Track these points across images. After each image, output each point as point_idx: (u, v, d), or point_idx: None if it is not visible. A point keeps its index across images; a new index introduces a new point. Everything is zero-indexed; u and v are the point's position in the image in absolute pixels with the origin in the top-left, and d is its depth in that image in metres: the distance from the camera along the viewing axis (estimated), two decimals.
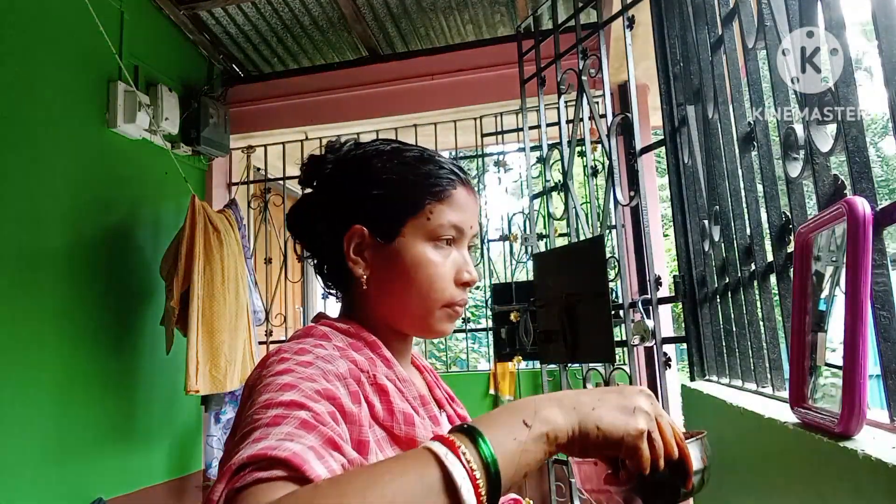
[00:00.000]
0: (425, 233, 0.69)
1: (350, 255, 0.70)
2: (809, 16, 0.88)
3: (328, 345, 0.64)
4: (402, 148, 0.73)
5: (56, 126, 2.57)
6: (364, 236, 0.69)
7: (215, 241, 2.83)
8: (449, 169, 0.72)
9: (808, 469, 0.73)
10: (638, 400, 0.53)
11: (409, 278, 0.68)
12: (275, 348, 0.63)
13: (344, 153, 0.74)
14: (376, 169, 0.70)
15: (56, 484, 2.42)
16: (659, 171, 6.41)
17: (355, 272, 0.70)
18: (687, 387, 1.60)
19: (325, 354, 0.62)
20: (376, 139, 0.77)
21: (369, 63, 3.60)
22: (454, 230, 0.70)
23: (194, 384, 2.59)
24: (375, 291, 0.70)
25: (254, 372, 0.62)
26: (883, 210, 0.67)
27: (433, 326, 0.71)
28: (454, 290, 0.70)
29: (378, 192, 0.69)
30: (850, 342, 0.62)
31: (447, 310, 0.70)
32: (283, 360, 0.59)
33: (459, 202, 0.71)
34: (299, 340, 0.64)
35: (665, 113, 1.78)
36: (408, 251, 0.68)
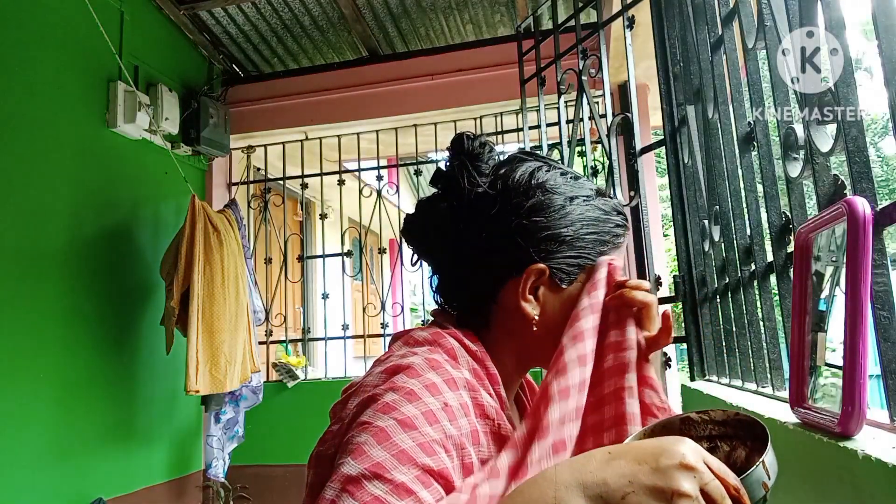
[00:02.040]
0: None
1: (525, 295, 0.65)
2: (809, 16, 0.88)
3: (456, 377, 0.58)
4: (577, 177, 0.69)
5: (56, 126, 2.57)
6: (543, 276, 0.65)
7: (215, 241, 2.83)
8: (620, 211, 0.69)
9: (808, 469, 0.73)
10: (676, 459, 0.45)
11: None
12: (405, 361, 0.57)
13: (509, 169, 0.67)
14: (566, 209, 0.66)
15: (56, 484, 2.42)
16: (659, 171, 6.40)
17: (527, 312, 0.65)
18: (687, 387, 1.60)
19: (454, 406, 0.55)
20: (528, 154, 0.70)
21: (369, 63, 3.60)
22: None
23: (194, 384, 2.59)
24: (542, 334, 0.66)
25: (376, 374, 0.58)
26: (883, 210, 0.67)
27: None
28: None
29: (569, 236, 0.65)
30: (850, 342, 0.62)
31: None
32: (411, 397, 0.53)
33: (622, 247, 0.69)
34: (430, 362, 0.58)
35: (665, 113, 1.78)
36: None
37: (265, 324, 3.52)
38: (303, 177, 3.69)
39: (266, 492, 3.28)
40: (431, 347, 0.62)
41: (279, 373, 3.43)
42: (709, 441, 0.62)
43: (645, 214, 2.06)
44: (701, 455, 0.47)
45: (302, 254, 4.14)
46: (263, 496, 3.29)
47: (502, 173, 0.67)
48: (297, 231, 4.50)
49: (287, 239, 3.71)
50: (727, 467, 0.48)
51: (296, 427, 3.32)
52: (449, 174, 0.69)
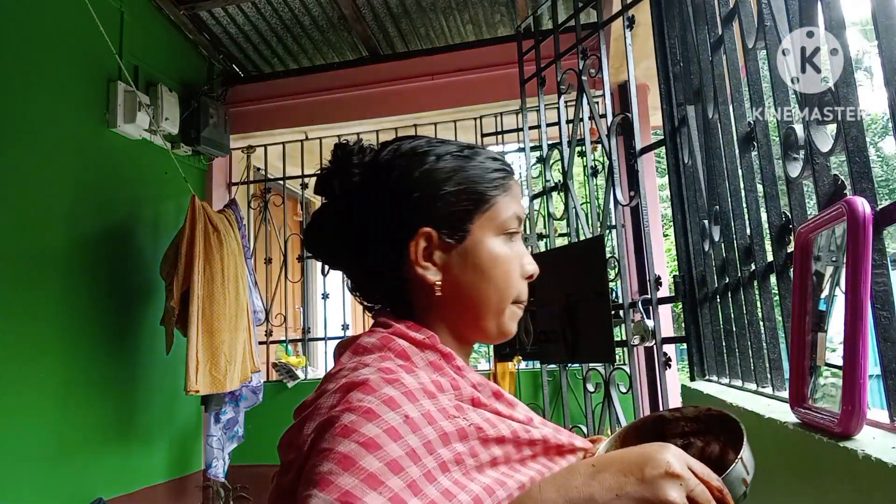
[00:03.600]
0: (494, 227, 0.66)
1: (419, 261, 0.64)
2: (809, 16, 0.88)
3: (413, 388, 0.56)
4: (447, 142, 0.69)
5: (56, 126, 2.57)
6: (432, 239, 0.64)
7: (215, 241, 2.83)
8: (500, 160, 0.69)
9: (808, 469, 0.73)
10: (661, 468, 0.45)
11: (487, 277, 0.65)
12: (359, 376, 0.54)
13: (378, 155, 0.68)
14: (434, 166, 0.65)
15: (56, 484, 2.42)
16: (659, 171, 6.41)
17: (427, 279, 0.64)
18: (687, 387, 1.60)
19: (415, 416, 0.53)
20: (402, 138, 0.71)
21: (369, 63, 3.60)
22: (517, 221, 0.68)
23: (194, 384, 2.59)
24: (451, 297, 0.65)
25: (330, 393, 0.54)
26: (883, 210, 0.67)
27: (503, 325, 0.67)
28: (521, 284, 0.68)
29: (444, 190, 0.64)
30: (850, 342, 0.62)
31: (514, 307, 0.67)
32: (370, 416, 0.50)
33: (516, 193, 0.69)
34: (384, 372, 0.56)
35: (665, 113, 1.78)
36: (482, 248, 0.65)
37: (265, 324, 3.52)
38: (303, 177, 3.69)
39: (266, 492, 3.27)
40: (382, 354, 0.60)
41: (279, 373, 3.43)
42: (682, 438, 0.63)
43: (645, 214, 2.06)
44: (685, 461, 0.47)
45: (302, 254, 4.13)
46: (263, 496, 3.28)
47: (369, 161, 0.68)
48: (297, 231, 4.49)
49: (287, 239, 3.71)
50: (708, 468, 0.48)
51: None
52: (326, 179, 0.70)
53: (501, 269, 0.65)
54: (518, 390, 3.08)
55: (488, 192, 0.66)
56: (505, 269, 0.65)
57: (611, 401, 2.23)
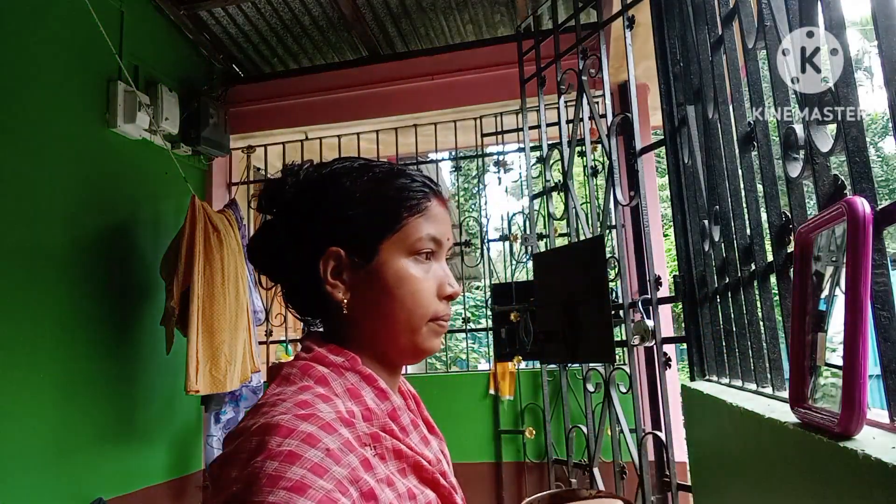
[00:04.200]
0: (404, 248, 0.67)
1: (328, 279, 0.67)
2: (809, 16, 0.89)
3: (330, 420, 0.57)
4: (372, 164, 0.71)
5: (56, 126, 2.57)
6: (341, 258, 0.67)
7: (215, 241, 2.83)
8: (421, 182, 0.70)
9: (808, 469, 0.73)
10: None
11: (393, 296, 0.66)
12: (273, 419, 0.55)
13: (306, 175, 0.71)
14: (347, 188, 0.68)
15: (56, 484, 2.42)
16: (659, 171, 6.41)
17: (335, 296, 0.66)
18: (687, 387, 1.60)
19: (335, 447, 0.54)
20: (339, 158, 0.73)
21: (369, 63, 3.60)
22: (433, 243, 0.69)
23: (194, 384, 2.59)
24: (359, 315, 0.67)
25: (248, 436, 0.55)
26: (883, 210, 0.67)
27: (420, 344, 0.68)
28: (438, 304, 0.68)
29: (352, 212, 0.67)
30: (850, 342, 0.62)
31: (433, 325, 0.68)
32: (293, 458, 0.51)
33: (435, 214, 0.70)
34: (300, 407, 0.57)
35: (665, 113, 1.78)
36: (389, 269, 0.66)
37: (265, 324, 3.52)
38: None
39: None
40: (301, 385, 0.61)
41: None
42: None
43: (645, 214, 2.06)
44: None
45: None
46: None
47: (295, 182, 0.71)
48: None
49: None
50: None
51: None
52: (260, 195, 0.73)
53: (408, 289, 0.66)
54: (518, 390, 3.08)
55: (399, 214, 0.67)
56: (412, 290, 0.66)
57: (611, 401, 2.23)
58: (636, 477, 2.09)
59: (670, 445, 1.96)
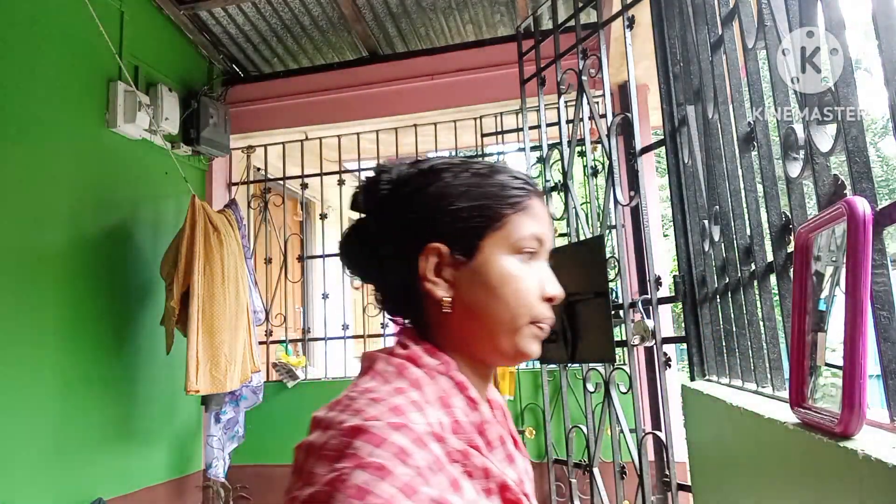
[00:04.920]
0: (507, 246, 0.65)
1: (428, 276, 0.64)
2: (809, 16, 0.89)
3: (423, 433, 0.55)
4: (471, 160, 0.70)
5: (56, 126, 2.57)
6: (442, 254, 0.65)
7: (215, 241, 2.83)
8: (523, 179, 0.69)
9: (808, 469, 0.73)
10: None
11: (496, 295, 0.64)
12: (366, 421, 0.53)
13: (403, 171, 0.69)
14: (448, 182, 0.66)
15: (56, 484, 2.42)
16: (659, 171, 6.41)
17: (435, 294, 0.64)
18: (687, 387, 1.60)
19: (424, 466, 0.52)
20: (433, 158, 0.71)
21: (369, 63, 3.60)
22: (536, 242, 0.66)
23: (194, 384, 2.59)
24: (459, 314, 0.65)
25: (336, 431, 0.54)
26: (883, 210, 0.67)
27: (521, 347, 0.65)
28: (540, 305, 0.66)
29: (455, 206, 0.65)
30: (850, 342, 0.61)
31: (534, 328, 0.66)
32: (384, 474, 0.50)
33: (537, 213, 0.68)
34: (394, 414, 0.55)
35: (665, 113, 1.78)
36: (492, 266, 0.64)
37: (265, 324, 3.52)
38: (303, 177, 3.69)
39: (266, 492, 3.28)
40: (397, 386, 0.60)
41: (279, 373, 3.43)
42: None
43: (645, 214, 2.06)
44: None
45: (302, 254, 4.13)
46: (263, 496, 3.29)
47: (395, 177, 0.69)
48: (297, 231, 4.49)
49: (287, 239, 3.71)
50: None
51: (296, 427, 3.32)
52: (355, 193, 0.72)
53: (512, 288, 0.64)
54: (518, 390, 3.08)
55: (502, 210, 0.65)
56: (515, 288, 0.64)
57: (611, 401, 2.23)
58: (636, 477, 2.09)
59: (670, 445, 1.96)
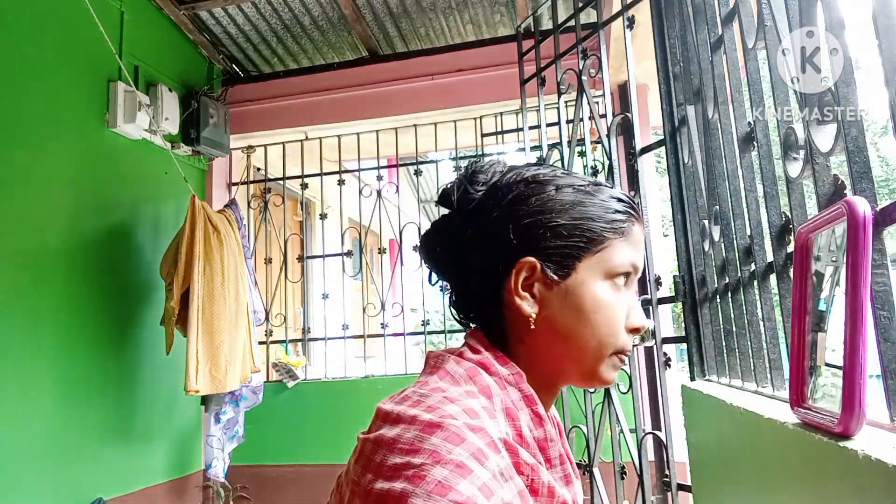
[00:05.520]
0: (603, 270, 0.63)
1: (518, 290, 0.62)
2: (809, 16, 0.88)
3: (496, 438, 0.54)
4: (574, 175, 0.67)
5: (56, 126, 2.57)
6: (535, 270, 0.62)
7: (215, 241, 2.83)
8: (627, 202, 0.66)
9: (808, 469, 0.73)
10: None
11: (587, 320, 0.62)
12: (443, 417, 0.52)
13: (505, 176, 0.67)
14: (552, 196, 0.63)
15: (56, 484, 2.42)
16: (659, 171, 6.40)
17: (523, 310, 0.62)
18: (687, 387, 1.60)
19: (497, 471, 0.51)
20: (528, 164, 0.69)
21: (369, 63, 3.60)
22: (632, 269, 0.64)
23: (194, 384, 2.59)
24: (543, 331, 0.63)
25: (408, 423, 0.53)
26: (883, 210, 0.67)
27: (600, 375, 0.64)
28: (625, 336, 0.63)
29: (556, 223, 0.62)
30: (850, 342, 0.61)
31: (615, 358, 0.64)
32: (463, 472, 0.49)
33: (636, 240, 0.65)
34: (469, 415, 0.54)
35: (665, 113, 1.78)
36: (586, 290, 0.62)
37: (265, 324, 3.52)
38: (303, 177, 3.69)
39: (266, 492, 3.28)
40: (468, 389, 0.59)
41: (279, 373, 3.43)
42: None
43: (645, 214, 2.06)
44: None
45: (302, 254, 4.13)
46: (263, 496, 3.29)
47: (494, 179, 0.67)
48: (297, 231, 4.50)
49: (287, 239, 3.71)
50: None
51: (296, 427, 3.32)
52: (447, 191, 0.69)
53: (603, 315, 0.62)
54: None
55: (604, 233, 0.63)
56: (607, 316, 0.62)
57: (611, 401, 2.23)
58: (636, 477, 2.09)
59: (670, 445, 1.96)
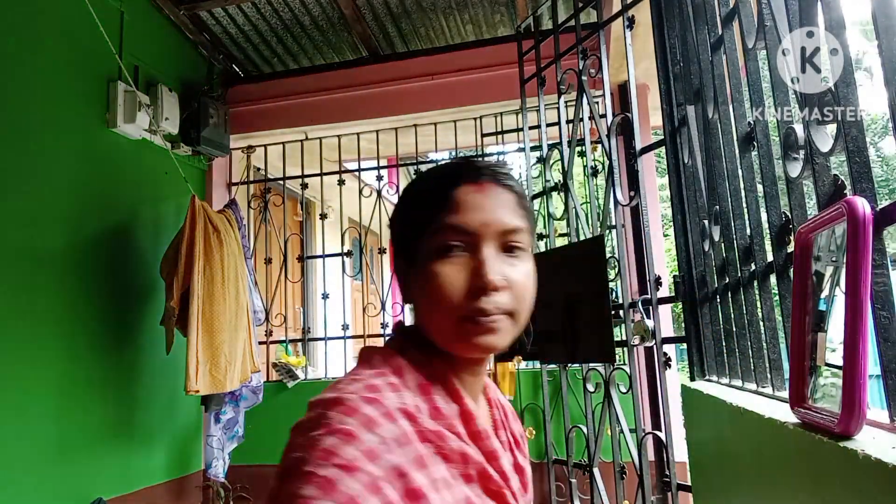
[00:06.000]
0: (433, 246, 0.64)
1: (395, 279, 0.72)
2: (809, 16, 0.88)
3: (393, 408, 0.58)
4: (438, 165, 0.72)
5: (56, 126, 2.57)
6: (400, 262, 0.70)
7: (215, 241, 2.83)
8: (451, 170, 0.67)
9: (808, 469, 0.73)
10: None
11: (426, 296, 0.65)
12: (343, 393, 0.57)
13: None
14: (402, 193, 0.72)
15: (56, 484, 2.42)
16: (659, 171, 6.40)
17: (403, 297, 0.71)
18: (687, 387, 1.60)
19: (391, 437, 0.55)
20: None
21: (369, 63, 3.60)
22: (459, 233, 0.64)
23: (194, 384, 2.59)
24: (416, 313, 0.69)
25: (315, 406, 0.58)
26: (883, 210, 0.67)
27: (464, 341, 0.64)
28: (464, 299, 0.63)
29: (398, 215, 0.71)
30: (850, 342, 0.62)
31: (468, 323, 0.63)
32: (350, 438, 0.53)
33: (462, 202, 0.65)
34: (369, 390, 0.59)
35: (665, 113, 1.78)
36: (423, 268, 0.65)
37: (265, 324, 3.52)
38: (303, 177, 3.69)
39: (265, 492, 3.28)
40: (378, 371, 0.63)
41: (279, 373, 3.43)
42: None
43: (645, 214, 2.06)
44: None
45: (302, 254, 4.13)
46: (263, 496, 3.29)
47: None
48: (297, 231, 4.50)
49: (287, 239, 3.71)
50: None
51: None
52: None
53: (432, 288, 0.64)
54: (518, 390, 3.08)
55: (427, 213, 0.66)
56: (435, 287, 0.63)
57: (611, 401, 2.23)
58: (636, 477, 2.09)
59: (670, 445, 1.96)
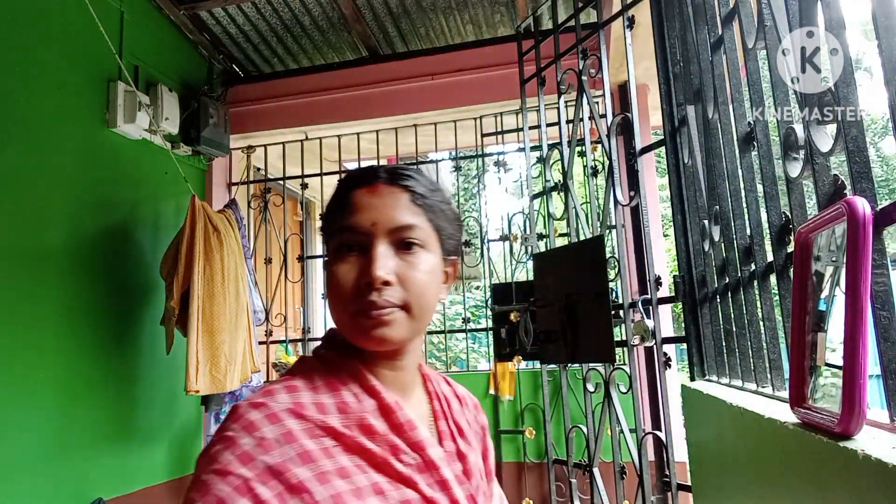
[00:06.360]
0: (333, 247, 0.70)
1: None
2: (809, 16, 0.89)
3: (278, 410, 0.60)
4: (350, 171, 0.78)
5: (56, 126, 2.57)
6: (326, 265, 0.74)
7: (215, 241, 2.83)
8: (352, 175, 0.73)
9: (808, 469, 0.73)
10: None
11: (329, 294, 0.69)
12: (241, 402, 0.62)
13: None
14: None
15: (56, 484, 2.42)
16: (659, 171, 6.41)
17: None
18: (687, 387, 1.60)
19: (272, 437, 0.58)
20: None
21: (369, 63, 3.60)
22: (353, 233, 0.67)
23: (194, 384, 2.59)
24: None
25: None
26: (883, 210, 0.67)
27: (360, 335, 0.66)
28: (356, 294, 0.65)
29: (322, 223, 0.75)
30: (850, 342, 0.62)
31: (361, 317, 0.65)
32: (229, 444, 0.57)
33: (353, 204, 0.69)
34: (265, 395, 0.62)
35: (665, 113, 1.78)
36: (327, 269, 0.70)
37: (265, 324, 3.52)
38: (303, 177, 3.69)
39: None
40: (289, 375, 0.67)
41: (279, 373, 3.43)
42: None
43: (645, 214, 2.06)
44: None
45: (302, 254, 4.13)
46: None
47: None
48: (297, 231, 4.49)
49: (287, 239, 3.71)
50: None
51: None
52: None
53: (332, 285, 0.68)
54: (518, 390, 3.08)
55: (333, 215, 0.71)
56: (334, 284, 0.67)
57: (611, 401, 2.23)
58: (636, 477, 2.09)
59: (670, 445, 1.96)
